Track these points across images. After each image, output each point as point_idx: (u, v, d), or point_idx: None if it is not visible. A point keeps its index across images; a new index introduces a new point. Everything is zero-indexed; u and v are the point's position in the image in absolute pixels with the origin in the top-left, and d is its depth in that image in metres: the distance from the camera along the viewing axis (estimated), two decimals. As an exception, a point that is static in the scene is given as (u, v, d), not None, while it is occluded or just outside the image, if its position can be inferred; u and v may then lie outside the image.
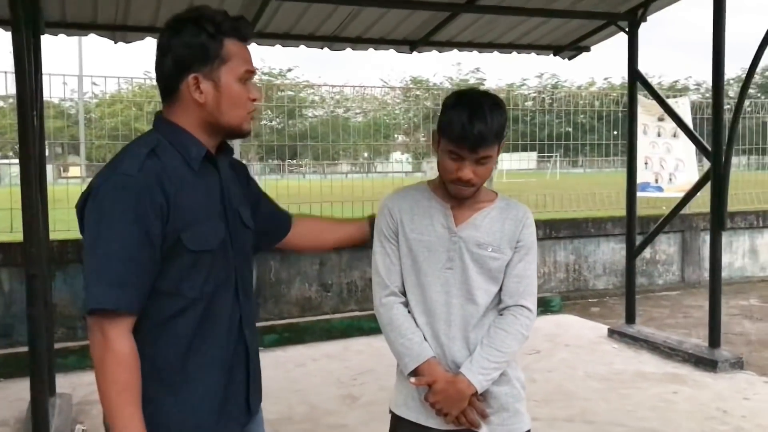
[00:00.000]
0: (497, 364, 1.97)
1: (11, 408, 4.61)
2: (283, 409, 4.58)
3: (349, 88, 11.58)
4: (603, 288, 8.45)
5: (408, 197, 2.11)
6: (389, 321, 2.05)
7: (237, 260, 1.72)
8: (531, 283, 2.04)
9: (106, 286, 1.50)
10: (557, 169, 20.54)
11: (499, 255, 2.01)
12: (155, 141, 1.63)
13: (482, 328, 2.02)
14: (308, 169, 12.99)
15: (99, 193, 1.55)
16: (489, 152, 1.92)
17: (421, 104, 14.41)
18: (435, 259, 2.02)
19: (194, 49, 1.62)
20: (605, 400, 4.65)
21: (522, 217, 2.05)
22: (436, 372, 1.99)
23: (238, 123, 1.70)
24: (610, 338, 6.20)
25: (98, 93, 25.15)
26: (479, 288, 2.01)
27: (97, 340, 1.52)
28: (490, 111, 1.89)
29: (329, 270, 7.11)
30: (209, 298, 1.64)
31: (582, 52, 6.81)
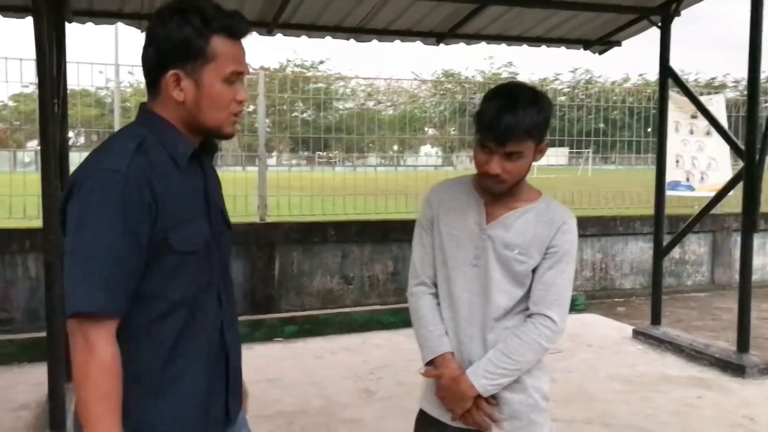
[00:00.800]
0: (505, 371, 1.93)
1: (33, 392, 4.66)
2: (299, 401, 4.57)
3: (381, 81, 11.53)
4: (630, 288, 8.30)
5: (449, 189, 2.09)
6: (415, 310, 2.09)
7: (219, 262, 1.67)
8: (560, 293, 1.96)
9: (90, 288, 1.42)
10: (589, 165, 20.25)
11: (526, 259, 1.94)
12: (142, 135, 1.54)
13: (502, 331, 1.97)
14: (338, 162, 12.99)
15: (83, 189, 1.45)
16: (518, 148, 1.85)
17: (452, 98, 14.32)
18: (462, 254, 1.99)
19: (176, 44, 1.52)
20: (626, 403, 4.55)
21: (558, 222, 1.96)
22: (447, 367, 1.99)
23: (217, 125, 1.60)
24: (635, 339, 6.08)
25: (133, 82, 25.51)
26: (501, 290, 1.96)
27: (78, 344, 1.43)
28: (525, 105, 1.83)
29: (351, 263, 7.09)
30: (192, 301, 1.58)
31: (613, 46, 6.66)
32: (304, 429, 4.16)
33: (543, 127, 1.88)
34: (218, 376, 1.67)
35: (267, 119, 21.66)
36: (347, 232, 7.07)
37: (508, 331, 1.97)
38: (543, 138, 1.91)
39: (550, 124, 1.91)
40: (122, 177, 1.44)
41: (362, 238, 7.11)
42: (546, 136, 1.92)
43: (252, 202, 7.34)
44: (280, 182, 7.79)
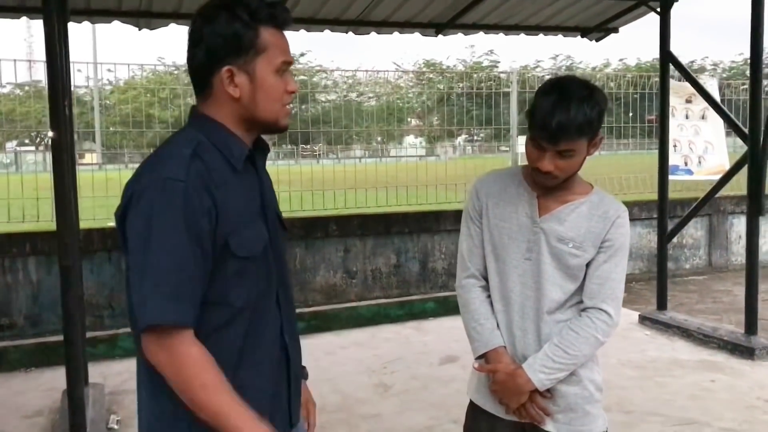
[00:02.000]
0: (562, 365, 1.92)
1: (44, 397, 4.60)
2: (315, 398, 4.49)
3: (362, 73, 11.46)
4: (629, 273, 8.30)
5: (498, 181, 2.05)
6: (465, 303, 2.07)
7: (277, 265, 1.64)
8: (615, 287, 1.95)
9: (165, 299, 1.39)
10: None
11: (580, 253, 1.93)
12: (196, 140, 1.50)
13: (555, 325, 1.97)
14: (322, 154, 12.92)
15: (143, 200, 1.42)
16: (571, 146, 1.83)
17: (435, 87, 14.29)
18: (515, 248, 1.97)
19: (228, 39, 1.49)
20: (642, 389, 4.58)
21: (613, 216, 1.94)
22: (500, 361, 1.99)
23: (274, 118, 1.57)
24: (642, 325, 6.12)
25: (112, 80, 25.23)
26: (554, 284, 1.95)
27: (163, 358, 1.41)
28: (578, 102, 1.78)
29: (353, 257, 7.06)
30: (254, 307, 1.55)
31: (610, 33, 6.67)
32: (324, 426, 4.12)
33: (597, 123, 1.84)
34: (282, 379, 1.65)
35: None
36: (349, 227, 7.04)
37: (561, 324, 1.96)
38: (597, 132, 1.87)
39: (603, 117, 1.86)
40: (182, 185, 1.41)
41: (365, 232, 7.08)
42: (601, 129, 1.88)
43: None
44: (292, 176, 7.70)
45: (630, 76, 10.50)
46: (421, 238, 7.27)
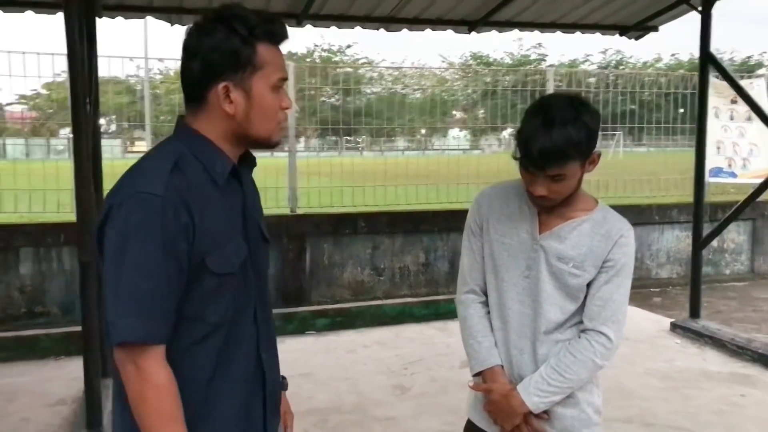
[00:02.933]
0: (557, 388, 1.87)
1: (69, 387, 4.70)
2: (332, 397, 4.55)
3: (408, 67, 11.38)
4: (666, 277, 8.15)
5: (500, 194, 1.99)
6: (463, 319, 2.04)
7: (256, 279, 1.62)
8: (617, 309, 1.87)
9: (134, 316, 1.39)
10: (620, 148, 19.95)
11: (580, 273, 1.86)
12: (178, 153, 1.49)
13: (553, 345, 1.91)
14: (365, 147, 12.91)
15: (120, 214, 1.41)
16: (560, 170, 1.74)
17: (481, 80, 14.14)
18: (514, 265, 1.92)
19: (225, 55, 1.47)
20: (666, 401, 4.45)
21: (616, 235, 1.86)
22: (495, 381, 1.94)
23: (267, 135, 1.56)
24: (673, 333, 5.95)
25: (163, 69, 25.68)
26: (553, 303, 1.89)
27: (131, 373, 1.41)
28: (562, 126, 1.70)
29: (382, 254, 7.04)
30: (230, 322, 1.54)
31: (649, 32, 6.49)
32: (337, 427, 4.13)
33: (587, 144, 1.74)
34: (256, 395, 1.63)
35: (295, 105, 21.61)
36: (378, 224, 7.02)
37: (560, 344, 1.91)
38: (590, 152, 1.78)
39: (596, 136, 1.77)
40: (159, 200, 1.40)
41: (393, 229, 7.06)
42: (595, 147, 1.79)
43: (282, 193, 7.31)
44: (309, 168, 7.73)
45: (682, 72, 10.22)
46: (451, 236, 7.21)
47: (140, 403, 1.41)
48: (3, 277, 6.00)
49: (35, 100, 24.06)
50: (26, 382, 4.85)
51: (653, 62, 41.40)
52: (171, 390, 1.43)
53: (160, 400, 1.41)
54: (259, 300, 1.63)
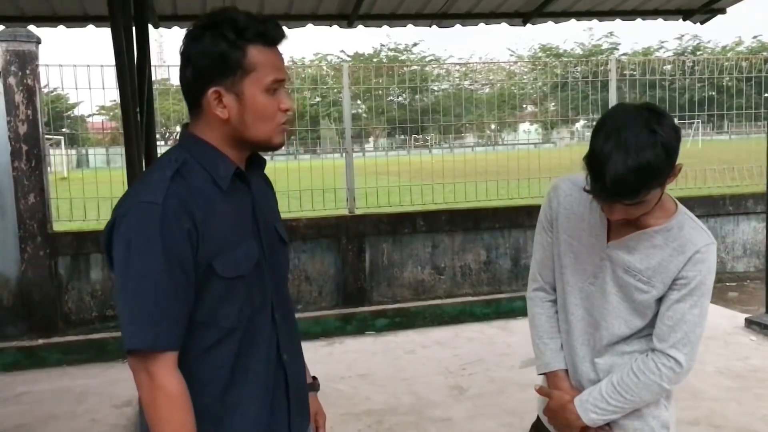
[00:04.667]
0: (617, 408, 1.77)
1: (135, 388, 4.82)
2: (389, 398, 4.53)
3: (476, 62, 11.24)
4: (743, 271, 7.77)
5: (574, 191, 1.81)
6: (532, 317, 1.98)
7: (273, 281, 1.61)
8: (690, 332, 1.69)
9: (142, 324, 1.40)
10: (699, 137, 19.20)
11: (648, 288, 1.71)
12: (181, 160, 1.50)
13: (617, 356, 1.80)
14: (434, 144, 12.84)
15: (123, 225, 1.43)
16: (638, 200, 1.54)
17: (551, 72, 13.86)
18: (580, 269, 1.81)
19: (213, 60, 1.46)
20: (737, 402, 4.23)
21: (691, 250, 1.67)
22: (558, 386, 1.88)
23: (266, 137, 1.54)
24: (748, 329, 5.66)
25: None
26: (618, 317, 1.76)
27: (143, 380, 1.43)
28: (639, 152, 1.48)
29: (442, 252, 6.98)
30: (246, 325, 1.54)
31: (716, 14, 6.17)
32: (392, 428, 4.11)
33: (668, 166, 1.53)
34: (278, 398, 1.62)
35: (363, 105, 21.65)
36: (437, 222, 6.96)
37: (625, 357, 1.78)
38: (670, 171, 1.56)
39: (677, 153, 1.55)
40: (159, 209, 1.41)
41: (453, 228, 6.99)
42: (673, 164, 1.56)
43: (342, 193, 7.35)
44: (375, 167, 7.73)
45: (766, 54, 9.72)
46: (513, 233, 7.08)
47: (151, 411, 1.43)
48: (75, 283, 6.26)
49: (114, 111, 25.04)
50: (95, 384, 5.04)
51: (734, 46, 39.69)
52: (182, 398, 1.44)
53: (171, 409, 1.42)
54: (277, 301, 1.63)
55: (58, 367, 5.49)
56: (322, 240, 6.67)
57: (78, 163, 12.06)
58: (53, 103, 18.78)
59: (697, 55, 34.36)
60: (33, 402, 4.76)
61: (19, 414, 4.56)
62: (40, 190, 6.16)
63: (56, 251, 6.21)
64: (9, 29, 5.91)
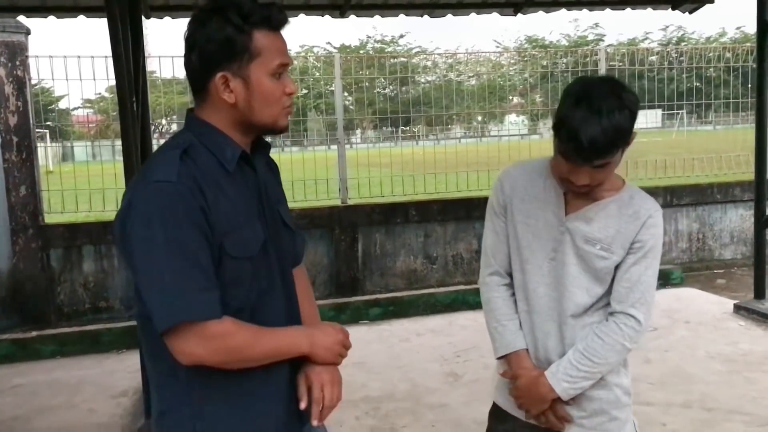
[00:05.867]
0: (587, 374, 1.83)
1: (131, 379, 4.85)
2: (385, 385, 4.57)
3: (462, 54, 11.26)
4: (730, 258, 7.87)
5: (524, 174, 1.94)
6: (487, 301, 2.00)
7: (281, 264, 1.62)
8: (645, 291, 1.82)
9: (190, 295, 1.40)
10: (684, 127, 19.35)
11: (608, 255, 1.82)
12: (187, 142, 1.51)
13: (580, 329, 1.88)
14: (421, 136, 12.86)
15: (139, 207, 1.43)
16: (607, 160, 1.68)
17: (537, 64, 13.91)
18: (539, 246, 1.88)
19: (220, 45, 1.48)
20: (728, 385, 4.30)
21: (643, 215, 1.81)
22: (521, 366, 1.91)
23: (272, 121, 1.56)
24: (737, 315, 5.75)
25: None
26: (580, 286, 1.85)
27: (197, 349, 1.43)
28: (610, 113, 1.62)
29: (434, 242, 7.02)
30: (254, 307, 1.55)
31: (704, 4, 6.23)
32: (389, 414, 4.15)
33: (630, 128, 1.68)
34: (286, 377, 1.62)
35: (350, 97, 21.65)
36: (429, 212, 6.99)
37: (587, 328, 1.87)
38: (631, 134, 1.71)
39: (636, 118, 1.69)
40: (173, 186, 1.42)
41: (444, 217, 7.02)
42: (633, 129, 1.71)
43: (334, 184, 7.36)
44: (367, 159, 7.72)
45: (749, 45, 9.81)
46: (504, 222, 7.12)
47: (235, 361, 1.49)
48: (68, 275, 6.25)
49: (99, 104, 24.82)
50: (91, 375, 5.05)
51: (717, 37, 39.97)
52: (238, 328, 1.46)
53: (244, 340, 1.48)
54: (284, 283, 1.64)
55: (53, 359, 5.48)
56: (314, 230, 6.68)
57: (63, 157, 11.96)
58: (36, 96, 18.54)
59: (681, 45, 34.60)
60: (28, 393, 4.76)
61: (15, 405, 4.56)
62: (31, 182, 6.13)
63: (48, 243, 6.19)
64: (-2, 20, 5.87)
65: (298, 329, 1.61)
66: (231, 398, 1.56)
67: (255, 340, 1.49)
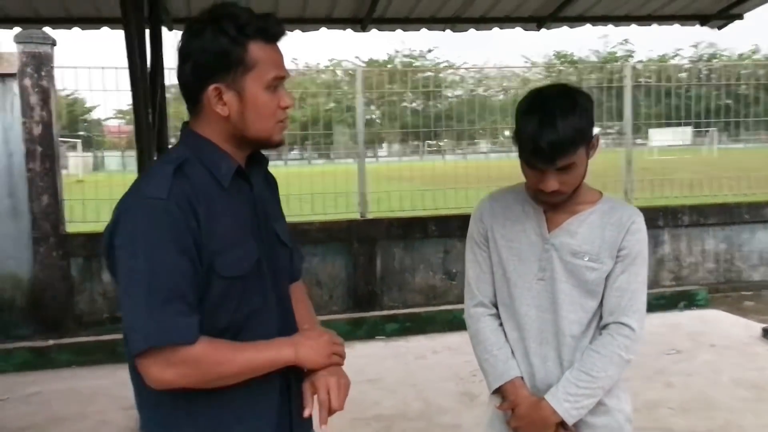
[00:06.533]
0: (588, 391, 1.76)
1: (144, 390, 4.83)
2: (398, 404, 4.50)
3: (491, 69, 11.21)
4: (759, 280, 7.66)
5: (501, 200, 1.94)
6: (475, 334, 1.94)
7: (275, 281, 1.58)
8: (636, 298, 1.79)
9: (165, 317, 1.36)
10: (714, 145, 19.04)
11: (597, 265, 1.78)
12: (182, 157, 1.48)
13: (579, 349, 1.81)
14: (447, 150, 12.80)
15: (127, 221, 1.40)
16: (570, 160, 1.69)
17: (565, 79, 13.82)
18: (526, 269, 1.84)
19: (214, 56, 1.44)
20: (754, 413, 4.15)
21: (626, 222, 1.80)
22: (519, 394, 1.84)
23: (267, 135, 1.52)
24: (765, 339, 5.57)
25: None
26: (573, 303, 1.80)
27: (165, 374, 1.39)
28: (564, 115, 1.65)
29: (454, 258, 6.94)
30: (240, 326, 1.50)
31: (734, 20, 6.10)
32: (401, 434, 4.08)
33: (588, 127, 1.71)
34: (273, 397, 1.56)
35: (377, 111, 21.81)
36: (449, 227, 6.92)
37: (584, 347, 1.82)
38: (591, 135, 1.74)
39: (593, 118, 1.74)
40: (163, 203, 1.39)
41: (465, 233, 6.92)
42: (593, 130, 1.75)
43: (353, 198, 7.33)
44: (390, 173, 7.70)
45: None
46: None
47: (207, 381, 1.43)
48: (87, 284, 6.28)
49: (130, 114, 25.19)
50: (105, 385, 5.04)
51: (750, 54, 39.39)
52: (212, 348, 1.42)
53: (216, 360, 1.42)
54: (278, 301, 1.59)
55: (68, 368, 5.49)
56: (333, 243, 6.65)
57: (94, 166, 12.09)
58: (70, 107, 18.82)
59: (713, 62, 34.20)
60: (42, 402, 4.77)
61: (30, 414, 4.57)
62: (53, 191, 6.19)
63: (69, 252, 6.23)
64: (25, 31, 5.95)
65: (281, 339, 1.54)
66: (214, 422, 1.51)
67: (231, 358, 1.44)
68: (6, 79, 6.05)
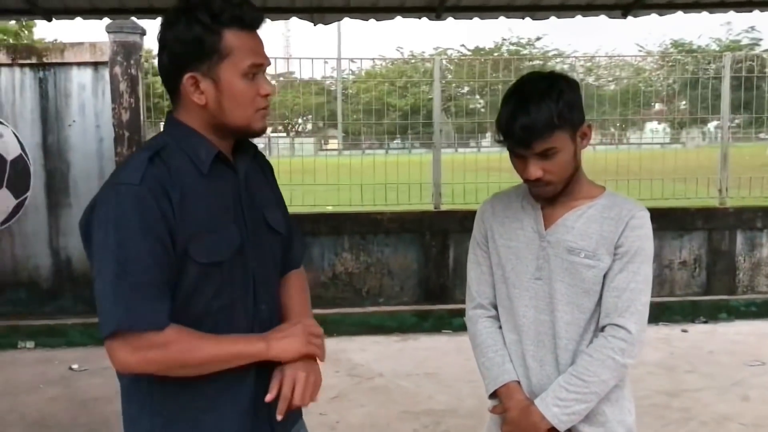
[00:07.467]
0: (579, 395, 1.66)
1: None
2: (452, 399, 4.44)
3: (601, 57, 10.81)
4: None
5: (502, 200, 1.89)
6: (473, 336, 1.90)
7: (259, 269, 1.56)
8: (634, 298, 1.69)
9: (133, 302, 1.38)
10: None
11: (594, 262, 1.70)
12: (161, 144, 1.50)
13: (578, 353, 1.73)
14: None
15: (101, 208, 1.43)
16: (548, 144, 1.64)
17: (683, 69, 13.16)
18: (523, 268, 1.78)
19: (188, 45, 1.45)
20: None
21: (625, 216, 1.71)
22: (512, 398, 1.77)
23: (245, 123, 1.52)
24: None
25: (355, 70, 26.69)
26: (569, 303, 1.72)
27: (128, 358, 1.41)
28: (538, 99, 1.63)
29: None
30: (217, 314, 1.50)
31: None
32: (449, 430, 4.02)
33: (569, 112, 1.65)
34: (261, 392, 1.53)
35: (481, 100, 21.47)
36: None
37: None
38: (579, 122, 1.69)
39: (579, 104, 1.70)
40: (135, 189, 1.41)
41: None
42: (581, 117, 1.71)
43: (427, 189, 7.23)
44: (489, 164, 7.46)
45: None
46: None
47: (173, 368, 1.44)
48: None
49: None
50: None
51: None
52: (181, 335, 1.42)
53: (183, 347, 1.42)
54: (261, 290, 1.58)
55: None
56: (405, 234, 6.62)
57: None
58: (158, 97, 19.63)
59: None
60: (114, 375, 4.99)
61: (101, 386, 4.83)
62: (140, 176, 6.48)
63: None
64: (116, 22, 6.23)
65: (254, 334, 1.53)
66: (189, 410, 1.52)
67: (198, 346, 1.44)
68: (99, 67, 6.37)
